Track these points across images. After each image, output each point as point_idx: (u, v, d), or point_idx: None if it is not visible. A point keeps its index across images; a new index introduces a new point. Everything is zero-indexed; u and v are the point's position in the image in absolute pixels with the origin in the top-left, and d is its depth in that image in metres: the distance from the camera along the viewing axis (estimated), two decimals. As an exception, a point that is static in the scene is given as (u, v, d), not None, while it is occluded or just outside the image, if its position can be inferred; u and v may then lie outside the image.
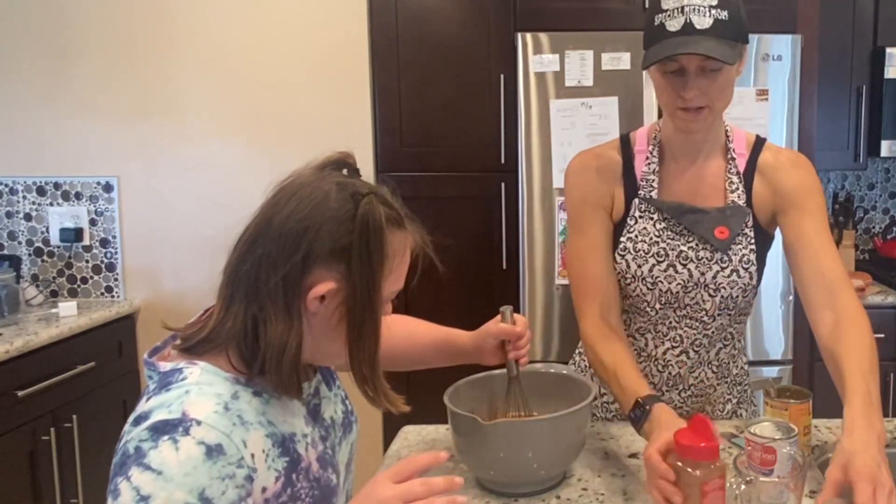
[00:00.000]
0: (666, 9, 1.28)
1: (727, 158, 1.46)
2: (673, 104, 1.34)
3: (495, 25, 2.76)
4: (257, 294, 0.92)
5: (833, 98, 3.02)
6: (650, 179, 1.45)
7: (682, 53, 1.26)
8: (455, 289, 2.78)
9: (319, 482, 0.98)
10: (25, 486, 2.37)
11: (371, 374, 0.98)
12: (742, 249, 1.43)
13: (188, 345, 0.95)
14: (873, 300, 2.86)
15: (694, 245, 1.43)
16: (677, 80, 1.31)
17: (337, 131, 2.86)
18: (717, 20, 1.25)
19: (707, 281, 1.43)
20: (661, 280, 1.44)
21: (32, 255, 3.00)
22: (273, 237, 0.92)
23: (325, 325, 0.95)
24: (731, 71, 1.31)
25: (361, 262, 0.93)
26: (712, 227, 1.40)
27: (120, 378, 2.83)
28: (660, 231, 1.44)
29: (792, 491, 1.04)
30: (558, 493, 1.29)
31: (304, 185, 0.95)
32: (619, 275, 1.47)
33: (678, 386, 1.53)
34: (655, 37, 1.29)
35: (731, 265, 1.42)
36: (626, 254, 1.45)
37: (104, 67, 2.91)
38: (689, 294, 1.44)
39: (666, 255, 1.43)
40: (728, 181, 1.44)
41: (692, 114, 1.33)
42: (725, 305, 1.45)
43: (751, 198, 1.44)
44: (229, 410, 0.89)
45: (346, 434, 1.12)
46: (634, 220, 1.45)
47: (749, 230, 1.43)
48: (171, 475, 0.81)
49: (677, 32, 1.26)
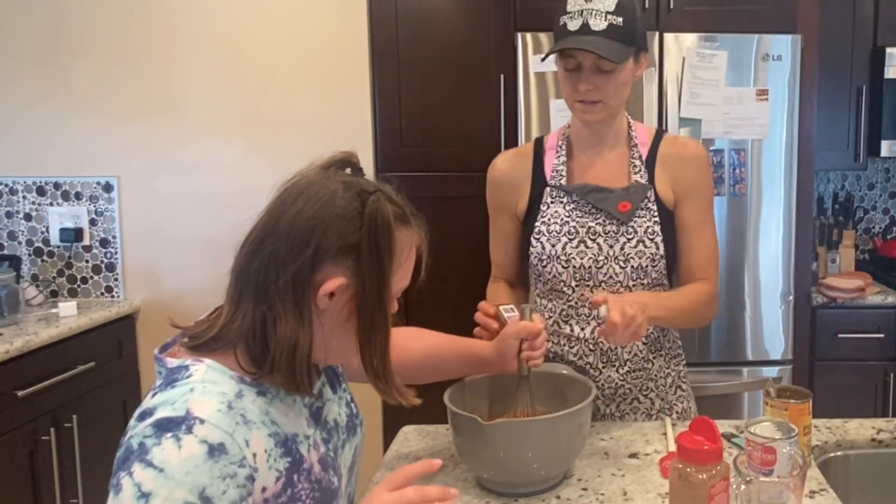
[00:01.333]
0: (569, 11, 1.45)
1: (630, 146, 1.59)
2: (571, 97, 1.51)
3: (495, 25, 2.76)
4: (266, 293, 0.93)
5: (833, 98, 3.02)
6: (560, 170, 1.59)
7: (574, 48, 1.42)
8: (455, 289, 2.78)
9: (320, 484, 0.98)
10: (25, 486, 2.37)
11: (382, 369, 0.99)
12: (646, 222, 1.54)
13: (196, 343, 0.96)
14: (873, 300, 2.86)
15: (601, 220, 1.55)
16: (576, 76, 1.47)
17: (337, 131, 2.86)
18: (611, 24, 1.42)
19: (616, 253, 1.54)
20: (574, 256, 1.55)
21: (32, 255, 3.00)
22: (281, 236, 0.93)
23: (335, 322, 0.96)
24: (625, 71, 1.47)
25: (371, 258, 0.94)
26: (616, 203, 1.53)
27: (120, 378, 2.83)
28: (569, 211, 1.56)
29: (792, 491, 1.04)
30: (558, 493, 1.30)
31: (311, 184, 0.96)
32: (535, 258, 1.58)
33: (614, 363, 1.58)
34: (558, 34, 1.47)
35: (637, 236, 1.53)
36: (541, 236, 1.57)
37: (104, 67, 2.91)
38: (601, 269, 1.54)
39: (576, 233, 1.55)
40: (631, 165, 1.58)
41: (587, 105, 1.49)
42: (637, 276, 1.55)
43: (653, 178, 1.57)
44: (233, 409, 0.89)
45: (350, 437, 1.12)
46: (546, 205, 1.58)
47: (652, 204, 1.55)
48: (172, 473, 0.81)
49: (575, 32, 1.43)
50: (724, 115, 2.62)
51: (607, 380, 1.57)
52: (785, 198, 2.67)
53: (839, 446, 1.49)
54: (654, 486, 1.30)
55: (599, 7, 1.42)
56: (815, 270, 3.05)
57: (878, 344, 2.86)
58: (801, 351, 2.80)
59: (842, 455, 1.48)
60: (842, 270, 3.15)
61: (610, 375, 1.58)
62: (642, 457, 1.42)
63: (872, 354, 2.86)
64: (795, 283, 2.72)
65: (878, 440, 1.49)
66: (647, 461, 1.40)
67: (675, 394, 1.64)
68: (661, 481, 1.31)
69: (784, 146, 2.65)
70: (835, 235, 3.21)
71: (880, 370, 2.87)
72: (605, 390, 1.58)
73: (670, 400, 1.63)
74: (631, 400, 1.60)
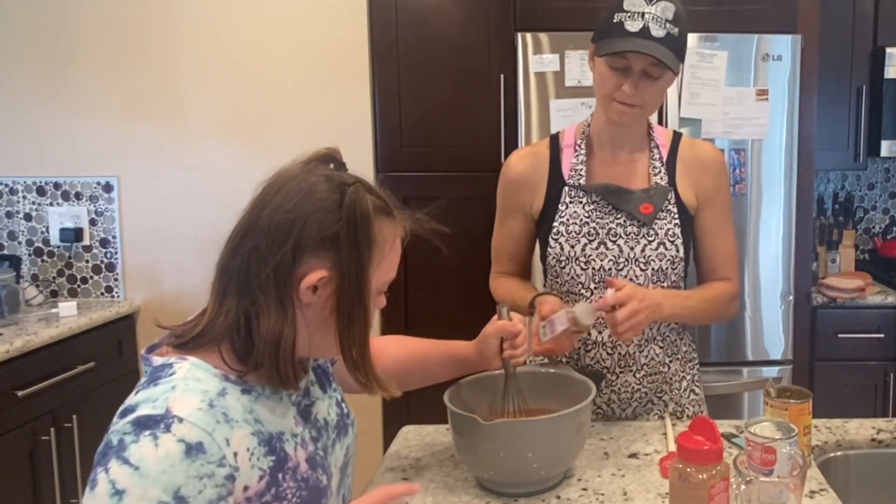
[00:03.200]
0: (627, 10, 1.42)
1: (650, 147, 1.59)
2: (609, 95, 1.47)
3: (495, 25, 2.76)
4: (249, 288, 0.93)
5: (833, 98, 3.01)
6: (578, 169, 1.57)
7: (638, 52, 1.40)
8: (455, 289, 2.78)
9: (308, 483, 0.98)
10: (25, 486, 2.37)
11: (361, 360, 0.98)
12: (666, 224, 1.53)
13: (182, 341, 0.96)
14: (873, 300, 2.86)
15: (622, 221, 1.53)
16: (621, 76, 1.44)
17: (337, 131, 2.85)
18: (669, 33, 1.41)
19: (637, 255, 1.53)
20: (594, 258, 1.53)
21: (32, 255, 3.00)
22: (262, 230, 0.93)
23: (318, 316, 0.96)
24: (667, 80, 1.47)
25: (349, 249, 0.94)
26: (637, 204, 1.52)
27: (120, 378, 2.83)
28: (589, 212, 1.54)
29: (792, 491, 1.04)
30: (558, 493, 1.30)
31: (291, 178, 0.96)
32: (553, 258, 1.56)
33: (631, 367, 1.57)
34: (613, 31, 1.43)
35: (658, 238, 1.53)
36: (559, 237, 1.55)
37: (104, 68, 2.91)
38: (621, 271, 1.53)
39: (596, 234, 1.53)
40: (651, 166, 1.57)
41: (626, 107, 1.47)
42: (657, 278, 1.54)
43: (674, 180, 1.57)
44: (214, 407, 0.89)
45: (341, 437, 1.12)
46: (565, 205, 1.56)
47: (672, 206, 1.55)
48: (147, 471, 0.81)
49: (635, 33, 1.40)
50: (724, 115, 2.63)
51: (624, 384, 1.57)
52: (785, 198, 2.67)
53: (839, 446, 1.49)
54: (654, 486, 1.30)
55: (659, 14, 1.41)
56: (815, 270, 3.05)
57: (878, 344, 2.86)
58: (801, 351, 2.80)
59: (842, 455, 1.48)
60: (842, 270, 3.15)
61: (627, 380, 1.57)
62: (642, 457, 1.42)
63: (872, 354, 2.86)
64: (795, 283, 2.72)
65: (878, 440, 1.49)
66: (647, 461, 1.40)
67: (689, 397, 1.64)
68: (661, 481, 1.31)
69: (784, 146, 2.65)
70: (835, 235, 3.21)
71: (880, 370, 2.87)
72: (621, 394, 1.58)
73: (683, 403, 1.63)
74: (646, 403, 1.60)
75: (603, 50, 1.44)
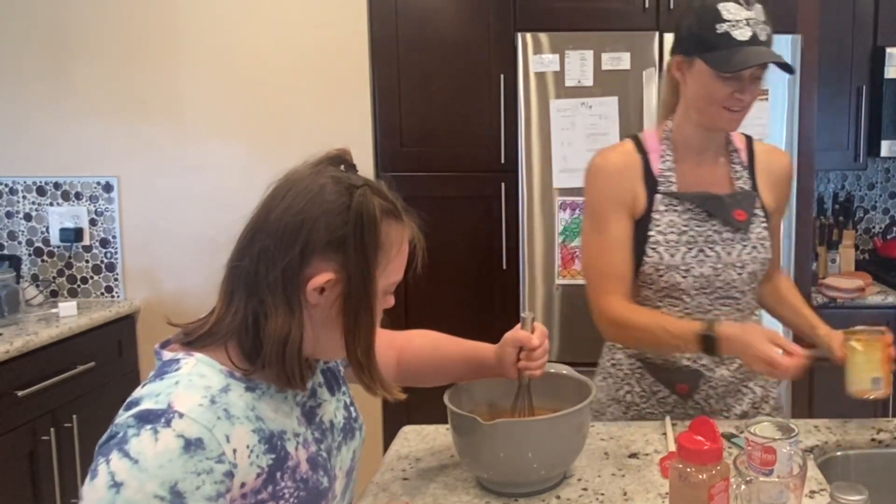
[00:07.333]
0: (728, 19, 1.41)
1: (729, 151, 1.61)
2: (718, 102, 1.46)
3: (495, 25, 2.76)
4: (257, 288, 0.94)
5: (833, 98, 3.01)
6: (668, 175, 1.56)
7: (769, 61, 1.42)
8: (455, 289, 2.78)
9: (307, 483, 0.98)
10: (25, 486, 2.37)
11: (367, 363, 0.99)
12: (756, 228, 1.57)
13: (190, 338, 0.96)
14: (873, 300, 2.86)
15: (718, 228, 1.55)
16: (732, 83, 1.44)
17: (337, 131, 2.85)
18: (769, 35, 1.44)
19: (733, 260, 1.55)
20: (694, 265, 1.54)
21: (32, 255, 3.00)
22: (271, 231, 0.94)
23: (325, 317, 0.96)
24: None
25: (356, 251, 0.94)
26: (731, 210, 1.54)
27: (120, 378, 2.83)
28: (686, 220, 1.55)
29: (792, 491, 1.04)
30: (558, 493, 1.30)
31: (300, 180, 0.97)
32: (651, 267, 1.54)
33: (724, 361, 1.61)
34: (722, 43, 1.42)
35: (751, 242, 1.56)
36: (658, 246, 1.54)
37: (105, 68, 2.91)
38: (719, 276, 1.55)
39: (695, 242, 1.54)
40: (733, 171, 1.59)
41: (735, 113, 1.48)
42: (752, 281, 1.59)
43: (756, 185, 1.60)
44: (215, 404, 0.89)
45: (347, 440, 1.11)
46: (660, 213, 1.55)
47: (759, 210, 1.58)
48: (146, 465, 0.82)
49: (747, 42, 1.41)
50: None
51: (720, 378, 1.60)
52: (785, 198, 2.67)
53: (839, 446, 1.49)
54: (654, 486, 1.30)
55: (758, 18, 1.43)
56: (815, 270, 3.05)
57: (878, 344, 2.85)
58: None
59: (842, 455, 1.49)
60: (842, 270, 3.15)
61: (722, 374, 1.60)
62: (642, 457, 1.42)
63: (872, 354, 2.86)
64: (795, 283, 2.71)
65: (878, 440, 1.50)
66: (647, 461, 1.40)
67: (770, 383, 1.68)
68: (661, 481, 1.31)
69: (784, 146, 2.65)
70: (835, 235, 3.21)
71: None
72: (718, 389, 1.60)
73: (769, 389, 1.67)
74: (735, 392, 1.63)
75: (722, 65, 1.41)
